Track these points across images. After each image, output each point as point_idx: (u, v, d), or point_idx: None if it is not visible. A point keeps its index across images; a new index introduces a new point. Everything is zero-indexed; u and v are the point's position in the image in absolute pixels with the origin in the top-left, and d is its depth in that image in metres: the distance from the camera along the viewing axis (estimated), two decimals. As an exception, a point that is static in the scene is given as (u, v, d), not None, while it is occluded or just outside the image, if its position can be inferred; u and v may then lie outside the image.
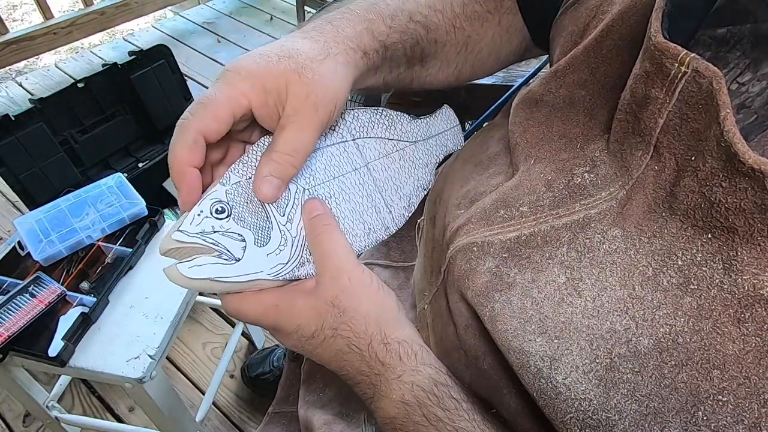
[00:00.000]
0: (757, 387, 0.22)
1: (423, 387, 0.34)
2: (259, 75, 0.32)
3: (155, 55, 1.28)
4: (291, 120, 0.33)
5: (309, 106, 0.33)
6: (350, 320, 0.35)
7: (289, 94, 0.32)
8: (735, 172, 0.23)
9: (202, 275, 0.33)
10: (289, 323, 0.35)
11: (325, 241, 0.36)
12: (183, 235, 0.33)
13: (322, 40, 0.36)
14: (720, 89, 0.23)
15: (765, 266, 0.23)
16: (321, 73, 0.33)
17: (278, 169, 0.33)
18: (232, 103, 0.32)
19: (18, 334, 0.75)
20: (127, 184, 0.98)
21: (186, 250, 0.34)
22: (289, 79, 0.32)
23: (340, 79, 0.35)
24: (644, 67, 0.27)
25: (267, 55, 0.33)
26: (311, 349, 0.36)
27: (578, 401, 0.27)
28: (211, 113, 0.32)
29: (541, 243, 0.32)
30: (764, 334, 0.23)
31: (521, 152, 0.38)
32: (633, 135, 0.29)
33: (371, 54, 0.39)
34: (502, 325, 0.31)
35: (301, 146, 0.33)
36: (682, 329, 0.25)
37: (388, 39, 0.40)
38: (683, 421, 0.24)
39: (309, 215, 0.36)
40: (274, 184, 0.33)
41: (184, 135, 0.31)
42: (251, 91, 0.32)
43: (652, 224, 0.28)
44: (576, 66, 0.35)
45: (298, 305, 0.35)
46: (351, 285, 0.35)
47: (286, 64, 0.33)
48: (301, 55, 0.34)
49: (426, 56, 0.45)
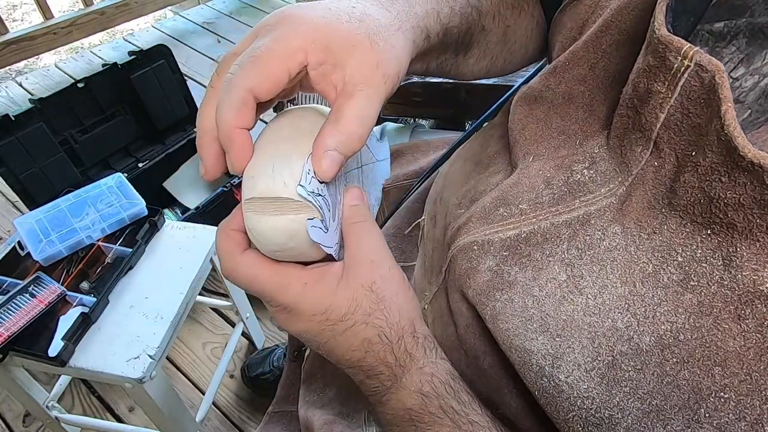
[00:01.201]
0: (759, 383, 0.22)
1: (441, 379, 0.34)
2: (324, 31, 0.29)
3: (155, 55, 1.28)
4: (360, 89, 0.29)
5: (379, 76, 0.29)
6: (386, 309, 0.33)
7: (356, 60, 0.29)
8: (734, 167, 0.23)
9: (317, 238, 0.30)
10: (315, 304, 0.32)
11: (365, 228, 0.35)
12: (304, 191, 0.29)
13: (395, 11, 0.33)
14: (722, 83, 0.23)
15: (764, 262, 0.23)
16: (392, 44, 0.31)
17: (345, 142, 0.29)
18: (287, 58, 0.28)
19: (18, 334, 0.75)
20: (127, 184, 0.98)
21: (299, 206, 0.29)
22: (359, 43, 0.29)
23: (406, 56, 0.32)
24: (647, 61, 0.27)
25: (336, 12, 0.30)
26: (330, 336, 0.33)
27: (581, 399, 0.27)
28: (263, 70, 0.28)
29: (541, 240, 0.32)
30: (764, 331, 0.23)
31: (520, 149, 0.38)
32: (633, 131, 0.29)
33: (433, 37, 0.37)
34: (503, 324, 0.31)
35: (369, 118, 0.30)
36: (683, 326, 0.25)
37: (450, 22, 0.38)
38: (685, 418, 0.24)
39: (351, 202, 0.35)
40: (336, 161, 0.29)
41: (231, 93, 0.28)
42: (311, 47, 0.28)
43: (651, 220, 0.28)
44: (575, 61, 0.35)
45: (330, 286, 0.33)
46: (390, 275, 0.34)
47: (357, 26, 0.30)
48: (374, 22, 0.31)
49: (472, 44, 0.44)
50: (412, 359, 0.34)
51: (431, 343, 0.36)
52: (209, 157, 0.31)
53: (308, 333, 0.34)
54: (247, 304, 1.20)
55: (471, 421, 0.32)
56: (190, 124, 1.47)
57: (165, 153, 1.38)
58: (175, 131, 1.43)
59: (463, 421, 0.32)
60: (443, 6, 0.38)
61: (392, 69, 0.30)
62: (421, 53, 0.37)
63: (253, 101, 0.28)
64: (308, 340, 0.35)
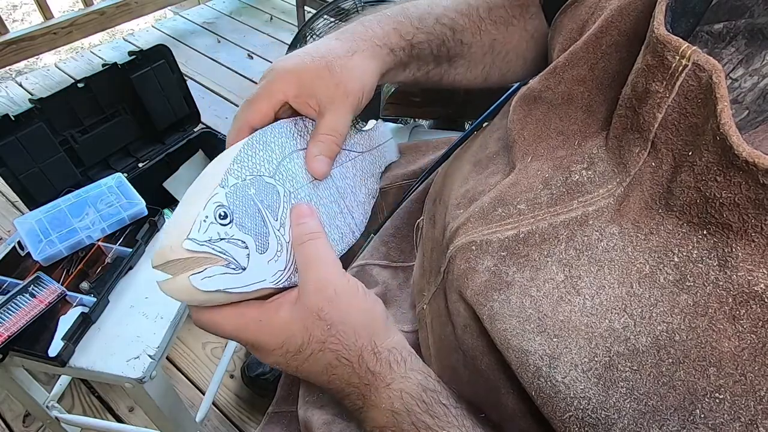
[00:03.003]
0: (753, 384, 0.22)
1: (412, 394, 0.33)
2: (295, 73, 0.39)
3: (155, 55, 1.28)
4: (327, 107, 0.39)
5: (340, 93, 0.39)
6: (339, 333, 0.34)
7: (321, 87, 0.39)
8: (730, 166, 0.23)
9: (214, 287, 0.31)
10: (272, 339, 0.34)
11: (309, 249, 0.35)
12: (194, 244, 0.30)
13: (351, 40, 0.42)
14: (719, 83, 0.23)
15: (759, 262, 0.23)
16: (348, 67, 0.40)
17: (326, 147, 0.39)
18: (270, 97, 0.39)
19: (18, 334, 0.75)
20: (127, 184, 0.98)
21: (190, 261, 0.31)
22: (320, 74, 0.39)
23: (365, 71, 0.41)
24: (646, 60, 0.27)
25: (303, 56, 0.40)
26: (296, 365, 0.35)
27: (577, 400, 0.27)
28: (254, 108, 0.39)
29: (539, 241, 0.32)
30: (759, 331, 0.23)
31: (519, 150, 0.38)
32: (631, 131, 0.29)
33: (398, 51, 0.45)
34: (501, 324, 0.31)
35: (340, 126, 0.40)
36: (679, 326, 0.25)
37: (415, 38, 0.46)
38: (681, 419, 0.24)
39: (296, 221, 0.36)
40: (324, 162, 0.39)
41: (235, 124, 0.40)
42: (287, 87, 0.39)
43: (648, 221, 0.28)
44: (575, 62, 0.35)
45: (283, 318, 0.34)
46: (337, 296, 0.34)
47: (318, 62, 0.39)
48: (332, 53, 0.40)
49: (453, 56, 0.50)
50: (375, 377, 0.34)
51: (398, 356, 0.35)
52: None
53: (279, 364, 0.35)
54: (246, 304, 1.20)
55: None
56: (190, 124, 1.47)
57: (165, 153, 1.38)
58: (175, 131, 1.43)
59: None
60: (404, 26, 0.45)
61: (352, 86, 0.40)
62: (395, 65, 0.45)
63: (249, 129, 0.39)
64: (284, 370, 0.36)
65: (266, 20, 2.64)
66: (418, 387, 0.34)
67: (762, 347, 0.22)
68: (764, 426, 0.22)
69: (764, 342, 0.22)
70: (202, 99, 2.07)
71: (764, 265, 0.23)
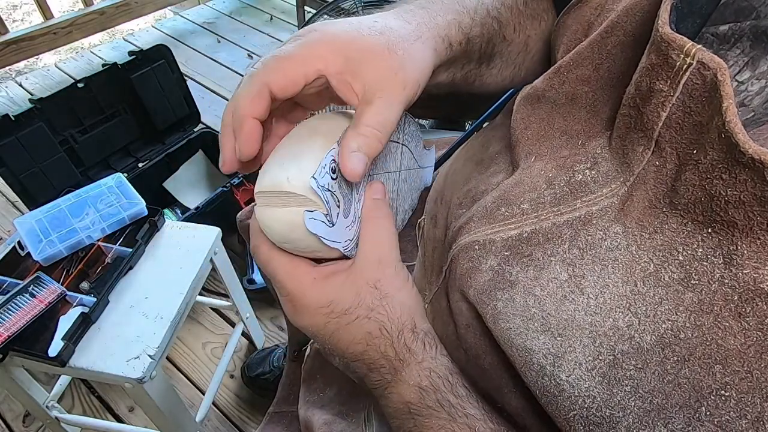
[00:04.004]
0: (759, 381, 0.22)
1: (439, 374, 0.35)
2: (344, 42, 0.31)
3: (155, 55, 1.28)
4: (378, 95, 0.31)
5: (397, 82, 0.32)
6: (388, 305, 0.35)
7: (375, 69, 0.31)
8: (735, 163, 0.23)
9: (316, 231, 0.32)
10: (322, 296, 0.35)
11: (381, 226, 0.36)
12: (316, 184, 0.30)
13: (415, 23, 0.35)
14: (724, 80, 0.23)
15: (765, 260, 0.23)
16: (411, 53, 0.33)
17: (367, 143, 0.31)
18: (306, 63, 0.31)
19: (18, 334, 0.75)
20: (127, 184, 0.98)
21: (302, 199, 0.31)
22: (378, 53, 0.31)
23: (427, 63, 0.34)
24: (650, 59, 0.27)
25: (358, 25, 0.32)
26: (334, 329, 0.35)
27: (582, 398, 0.27)
28: (282, 69, 0.31)
29: (542, 240, 0.32)
30: (765, 329, 0.23)
31: (522, 149, 0.38)
32: (635, 130, 0.29)
33: (455, 46, 0.38)
34: (504, 323, 0.31)
35: (389, 122, 0.32)
36: (684, 324, 0.25)
37: (472, 32, 0.40)
38: (686, 416, 0.24)
39: (372, 195, 0.37)
40: (362, 161, 0.31)
41: (249, 84, 0.31)
42: (330, 56, 0.31)
43: (653, 220, 0.28)
44: (579, 62, 0.35)
45: (337, 280, 0.35)
46: (396, 273, 0.36)
47: (377, 38, 0.32)
48: (394, 33, 0.33)
49: (494, 54, 0.45)
50: (411, 353, 0.36)
51: (431, 340, 0.37)
52: (227, 150, 0.33)
53: (313, 326, 0.36)
54: (247, 304, 1.20)
55: (467, 413, 0.33)
56: (190, 124, 1.47)
57: (165, 153, 1.38)
58: (175, 131, 1.44)
59: (459, 414, 0.33)
60: (464, 17, 0.39)
61: (411, 76, 0.32)
62: (445, 62, 0.38)
63: (268, 94, 0.31)
64: (314, 334, 0.37)
65: (266, 20, 2.64)
66: (445, 369, 0.36)
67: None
68: None
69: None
70: (202, 99, 2.07)
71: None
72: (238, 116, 0.31)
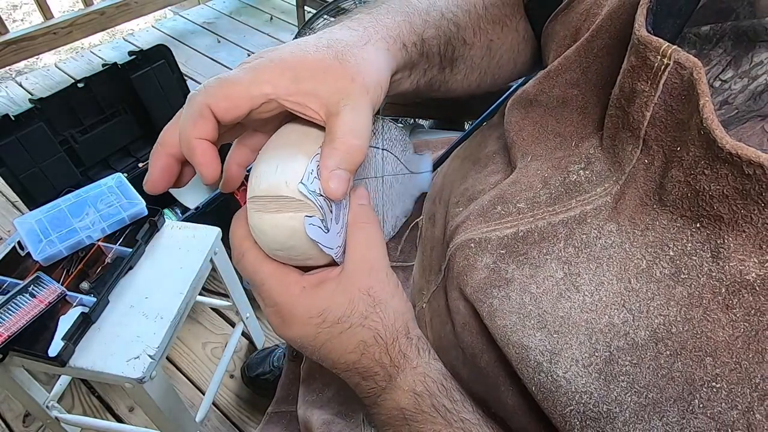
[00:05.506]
0: (748, 372, 0.23)
1: (434, 379, 0.35)
2: (291, 64, 0.30)
3: (155, 55, 1.28)
4: (342, 104, 0.30)
5: (357, 88, 0.31)
6: (382, 312, 0.35)
7: (329, 82, 0.30)
8: (715, 159, 0.23)
9: (315, 236, 0.31)
10: (312, 306, 0.33)
11: (369, 232, 0.36)
12: (306, 189, 0.30)
13: (361, 28, 0.35)
14: (700, 79, 0.24)
15: (750, 252, 0.23)
16: (363, 57, 0.32)
17: (345, 158, 0.30)
18: (251, 87, 0.29)
19: (18, 334, 0.75)
20: (127, 184, 0.99)
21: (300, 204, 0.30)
22: (328, 66, 0.31)
23: (381, 66, 0.33)
24: (630, 61, 0.28)
25: (304, 45, 0.32)
26: (326, 339, 0.34)
27: (578, 394, 0.27)
28: (224, 91, 0.29)
29: (538, 239, 0.33)
30: (752, 319, 0.23)
31: (518, 150, 0.39)
32: (623, 130, 0.30)
33: (410, 47, 0.38)
34: (500, 320, 0.32)
35: (363, 128, 0.30)
36: (675, 319, 0.25)
37: (425, 32, 0.39)
38: (680, 409, 0.24)
39: (358, 201, 0.36)
40: (344, 178, 0.30)
41: (189, 106, 0.30)
42: (278, 80, 0.30)
43: (644, 217, 0.28)
44: (568, 66, 0.36)
45: (328, 289, 0.34)
46: (387, 279, 0.36)
47: (324, 53, 0.31)
48: (341, 43, 0.32)
49: (456, 57, 0.44)
50: (406, 359, 0.35)
51: (424, 344, 0.37)
52: (154, 169, 0.32)
53: (303, 337, 0.34)
54: (247, 304, 1.21)
55: (462, 418, 0.33)
56: (190, 125, 1.47)
57: (165, 153, 1.38)
58: (175, 131, 1.43)
59: (454, 419, 0.33)
60: (414, 17, 0.39)
61: (369, 79, 0.32)
62: (404, 66, 0.38)
63: (210, 114, 0.29)
64: (302, 346, 0.35)
65: (266, 20, 2.64)
66: (439, 374, 0.35)
67: (755, 335, 0.23)
68: (760, 412, 0.22)
69: (757, 330, 0.23)
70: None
71: (755, 254, 0.23)
72: (184, 139, 0.30)
